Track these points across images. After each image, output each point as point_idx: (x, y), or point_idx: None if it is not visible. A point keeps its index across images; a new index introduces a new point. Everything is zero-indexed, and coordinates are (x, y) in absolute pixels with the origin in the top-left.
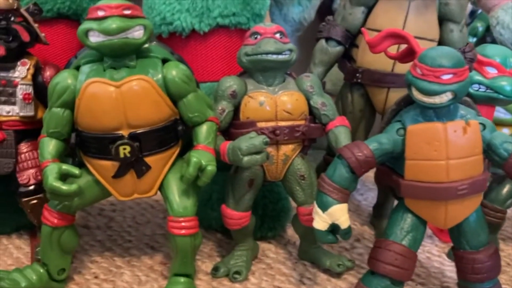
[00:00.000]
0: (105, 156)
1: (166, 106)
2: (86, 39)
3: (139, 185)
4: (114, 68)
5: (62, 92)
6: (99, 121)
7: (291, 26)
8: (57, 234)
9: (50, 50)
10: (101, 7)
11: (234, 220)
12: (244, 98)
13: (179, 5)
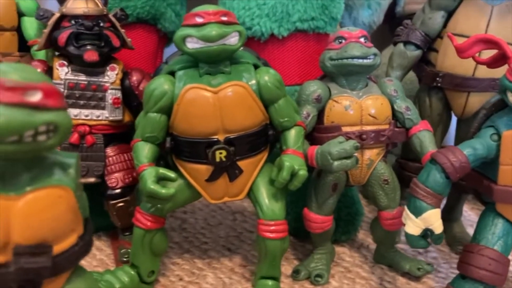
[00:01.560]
0: (199, 160)
1: (259, 111)
2: (183, 45)
3: (230, 189)
4: (210, 74)
5: (160, 98)
6: (196, 126)
7: None
8: (149, 236)
9: (128, 54)
10: (200, 14)
11: (317, 224)
12: (329, 103)
13: (258, 10)
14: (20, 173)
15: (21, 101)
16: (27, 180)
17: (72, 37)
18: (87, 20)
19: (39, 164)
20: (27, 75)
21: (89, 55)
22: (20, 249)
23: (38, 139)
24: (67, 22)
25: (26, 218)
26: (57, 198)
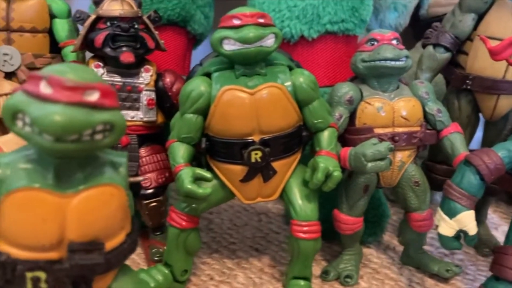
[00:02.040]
0: (234, 160)
1: (294, 112)
2: (220, 47)
3: (264, 189)
4: (246, 76)
5: (197, 99)
6: (233, 127)
7: None
8: (184, 236)
9: (158, 56)
10: (237, 16)
11: (348, 225)
12: (361, 104)
13: (289, 12)
14: (74, 172)
15: (80, 100)
16: (81, 178)
17: (109, 39)
18: (122, 22)
19: (92, 162)
20: (84, 75)
21: (125, 56)
22: (74, 246)
23: (95, 138)
24: (102, 24)
25: (80, 215)
26: (109, 196)
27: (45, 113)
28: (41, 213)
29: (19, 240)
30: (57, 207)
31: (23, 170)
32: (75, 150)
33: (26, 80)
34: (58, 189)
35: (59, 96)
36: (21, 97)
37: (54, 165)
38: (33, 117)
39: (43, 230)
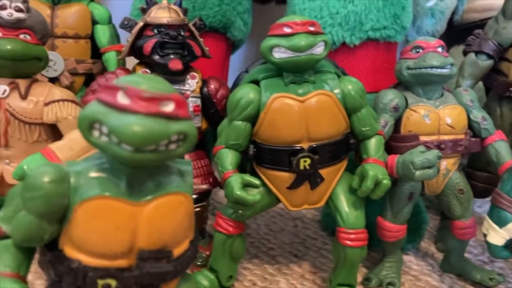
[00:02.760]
0: (282, 167)
1: (343, 120)
2: (270, 55)
3: (311, 196)
4: (295, 83)
5: (246, 106)
6: (282, 134)
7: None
8: (230, 241)
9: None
10: (288, 24)
11: (392, 233)
12: (406, 112)
13: (331, 19)
14: (145, 181)
15: (158, 111)
16: (152, 187)
17: (157, 46)
18: (170, 29)
19: (162, 171)
20: (158, 86)
21: (173, 64)
22: (144, 254)
23: (169, 148)
24: (150, 31)
25: (151, 223)
26: (178, 205)
27: (125, 123)
28: (114, 221)
29: (91, 248)
30: (129, 215)
31: (96, 179)
32: (152, 160)
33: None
34: (131, 198)
35: (137, 107)
36: (98, 107)
37: (126, 174)
38: (112, 128)
39: (116, 238)
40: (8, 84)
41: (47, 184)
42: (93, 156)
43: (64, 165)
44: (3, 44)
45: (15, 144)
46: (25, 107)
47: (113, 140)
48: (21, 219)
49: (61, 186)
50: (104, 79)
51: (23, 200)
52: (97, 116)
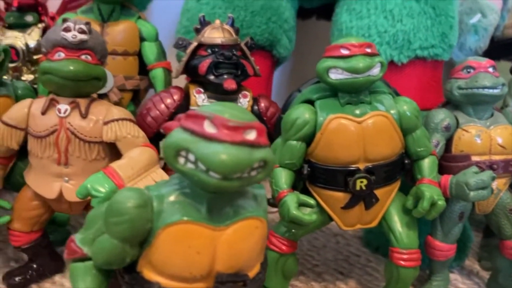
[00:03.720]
0: (337, 187)
1: (399, 140)
2: (326, 76)
3: (364, 216)
4: (351, 104)
5: (302, 127)
6: (338, 155)
7: (466, 55)
8: (283, 260)
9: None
10: (345, 46)
11: (442, 252)
12: (457, 131)
13: (379, 37)
14: (224, 205)
15: (243, 140)
16: (231, 212)
17: (212, 66)
18: (223, 49)
19: (239, 196)
20: (240, 114)
21: (228, 83)
22: (222, 277)
23: (251, 175)
24: (203, 51)
25: (230, 247)
26: (254, 229)
27: (213, 152)
28: (196, 245)
29: (171, 271)
30: (210, 239)
31: (177, 204)
32: (236, 187)
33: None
34: (211, 222)
35: (224, 136)
36: (184, 135)
37: (206, 199)
38: (200, 156)
39: (196, 262)
40: (69, 103)
41: (132, 209)
42: (171, 181)
43: (145, 189)
44: (66, 65)
45: (74, 162)
46: (85, 126)
47: (200, 168)
48: (104, 242)
49: (145, 211)
50: (158, 98)
51: (107, 224)
52: (184, 144)
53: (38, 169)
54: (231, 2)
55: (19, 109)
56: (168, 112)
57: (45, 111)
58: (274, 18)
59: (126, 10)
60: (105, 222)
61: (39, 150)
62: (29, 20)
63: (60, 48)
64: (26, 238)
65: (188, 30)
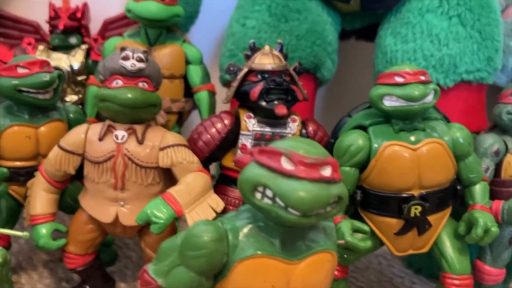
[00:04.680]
0: (390, 213)
1: (452, 167)
2: (381, 102)
3: (416, 242)
4: (405, 130)
5: (356, 153)
6: (393, 182)
7: (507, 76)
8: (335, 285)
9: None
10: (400, 74)
11: (492, 277)
12: (507, 156)
13: (424, 61)
14: (297, 239)
15: (320, 177)
16: (303, 245)
17: (263, 92)
18: (273, 75)
19: (310, 230)
20: (315, 150)
21: (279, 109)
22: None
23: (327, 210)
24: (254, 77)
25: (303, 282)
26: (326, 263)
27: (292, 189)
28: (271, 279)
29: None
30: (284, 273)
31: (252, 237)
32: (313, 222)
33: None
34: (285, 256)
35: (302, 173)
36: (260, 170)
37: (280, 233)
38: (279, 193)
39: None
40: (126, 129)
41: (210, 244)
42: (243, 214)
43: (218, 221)
44: (124, 93)
45: (130, 187)
46: (142, 152)
47: (279, 204)
48: (181, 275)
49: (222, 245)
50: (209, 122)
51: (184, 257)
52: (262, 180)
53: (94, 194)
54: (276, 26)
55: (76, 134)
56: (219, 137)
57: (103, 137)
58: (319, 42)
59: (171, 34)
60: (181, 255)
61: (96, 175)
62: (73, 42)
63: (118, 76)
64: (81, 261)
65: (233, 54)
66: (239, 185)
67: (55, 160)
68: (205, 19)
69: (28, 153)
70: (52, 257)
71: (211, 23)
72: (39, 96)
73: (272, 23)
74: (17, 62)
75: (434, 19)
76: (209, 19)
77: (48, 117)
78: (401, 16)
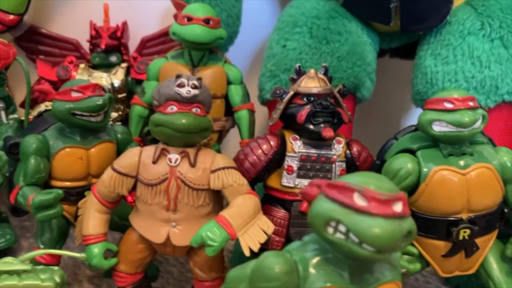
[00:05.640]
0: (438, 236)
1: (500, 191)
2: (430, 128)
3: (463, 263)
4: (453, 155)
5: (405, 177)
6: (442, 205)
7: None
8: None
9: None
10: (450, 100)
11: None
12: None
13: (466, 83)
14: (364, 271)
15: (393, 213)
16: (370, 277)
17: (310, 115)
18: (319, 98)
19: (378, 261)
20: (385, 185)
21: (326, 132)
22: None
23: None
24: (299, 100)
25: None
26: None
27: (367, 226)
28: None
29: None
30: None
31: (321, 269)
32: (386, 257)
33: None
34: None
35: (375, 209)
36: (332, 206)
37: (348, 265)
38: (354, 229)
39: None
40: (179, 153)
41: (282, 276)
42: (310, 246)
43: (286, 252)
44: (179, 118)
45: (182, 208)
46: (194, 174)
47: (352, 240)
48: None
49: (292, 276)
50: (256, 144)
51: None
52: (335, 215)
53: (147, 215)
54: (318, 48)
55: (130, 157)
56: (266, 158)
57: (156, 160)
58: (359, 62)
59: (213, 55)
60: (253, 285)
61: (149, 197)
62: (113, 60)
63: (173, 102)
64: (131, 279)
65: (273, 75)
66: (310, 219)
67: (109, 182)
68: (239, 39)
69: (79, 174)
70: (95, 272)
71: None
72: (92, 119)
73: (313, 45)
74: (71, 87)
75: (475, 42)
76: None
77: (99, 139)
78: (441, 38)
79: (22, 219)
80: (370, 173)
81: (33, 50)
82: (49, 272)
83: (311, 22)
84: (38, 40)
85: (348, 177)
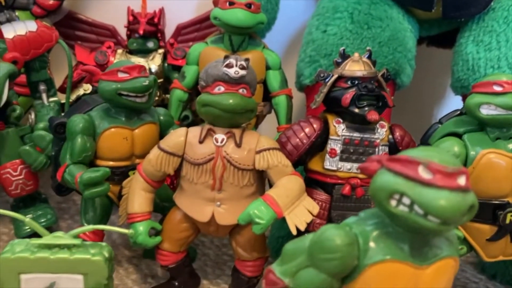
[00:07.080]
0: (483, 220)
1: None
2: (478, 111)
3: (508, 248)
4: (500, 138)
5: None
6: (488, 189)
7: None
8: None
9: None
10: (499, 83)
11: None
12: None
13: (509, 69)
14: (423, 245)
15: (458, 186)
16: (429, 252)
17: (355, 98)
18: (364, 81)
19: (436, 236)
20: (450, 160)
21: (371, 115)
22: None
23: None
24: (343, 83)
25: (430, 286)
26: (450, 268)
27: (433, 198)
28: (400, 284)
29: None
30: (414, 278)
31: (382, 242)
32: (449, 230)
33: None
34: (414, 261)
35: (441, 182)
36: (396, 179)
37: (408, 239)
38: (419, 201)
39: None
40: (225, 133)
41: (344, 247)
42: (370, 219)
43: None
44: (226, 99)
45: (227, 188)
46: (240, 155)
47: (416, 212)
48: (311, 276)
49: (353, 248)
50: (298, 127)
51: (315, 260)
52: (399, 188)
53: (192, 194)
54: (359, 33)
55: (177, 137)
56: (308, 141)
57: (203, 140)
58: (400, 48)
59: (252, 40)
60: (313, 257)
61: (195, 176)
62: (150, 46)
63: (220, 82)
64: (174, 258)
65: (313, 60)
66: (372, 193)
67: (156, 161)
68: (274, 25)
69: (124, 154)
70: (134, 253)
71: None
72: (137, 99)
73: (354, 30)
74: (117, 67)
75: None
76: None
77: (143, 120)
78: (484, 24)
79: (60, 201)
80: (431, 147)
81: (71, 36)
82: (98, 247)
83: (352, 8)
84: (76, 25)
85: (409, 152)
